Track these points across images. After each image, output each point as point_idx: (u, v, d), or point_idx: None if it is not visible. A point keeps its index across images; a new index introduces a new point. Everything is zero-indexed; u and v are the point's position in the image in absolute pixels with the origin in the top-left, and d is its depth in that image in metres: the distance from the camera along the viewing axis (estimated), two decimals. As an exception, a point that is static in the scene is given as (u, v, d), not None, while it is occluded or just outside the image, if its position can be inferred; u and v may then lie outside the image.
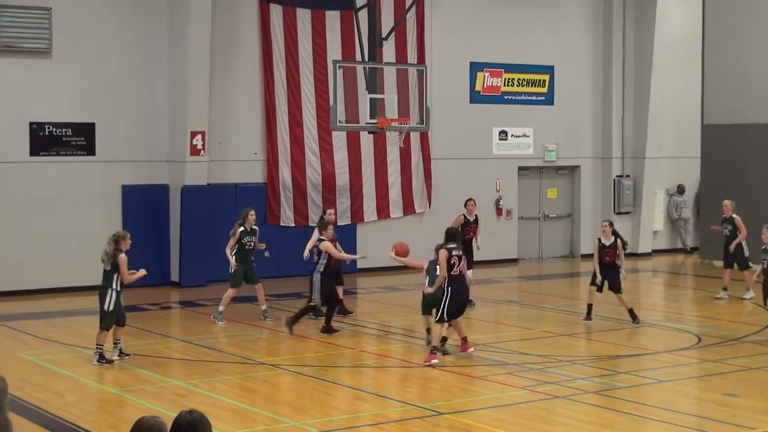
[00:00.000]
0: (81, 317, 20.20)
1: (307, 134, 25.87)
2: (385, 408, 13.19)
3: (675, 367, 15.50)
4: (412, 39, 27.26)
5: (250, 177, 25.41)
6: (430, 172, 27.78)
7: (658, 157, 30.79)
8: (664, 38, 30.25)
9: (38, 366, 15.64)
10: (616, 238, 19.07)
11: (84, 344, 17.20)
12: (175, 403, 13.09)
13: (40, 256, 22.99)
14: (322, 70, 25.68)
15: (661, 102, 30.53)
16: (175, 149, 24.27)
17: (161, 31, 24.22)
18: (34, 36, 22.77)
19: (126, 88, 23.97)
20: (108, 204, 23.81)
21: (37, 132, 23.04)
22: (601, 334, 18.27)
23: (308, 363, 15.98)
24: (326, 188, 26.08)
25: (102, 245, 23.42)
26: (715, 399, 13.45)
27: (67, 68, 23.28)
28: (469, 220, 21.31)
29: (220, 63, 24.68)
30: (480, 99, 28.70)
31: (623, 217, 30.56)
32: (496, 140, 29.03)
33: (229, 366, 15.62)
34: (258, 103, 25.43)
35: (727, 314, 20.24)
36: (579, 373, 14.95)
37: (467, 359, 16.02)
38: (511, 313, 21.00)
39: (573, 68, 30.10)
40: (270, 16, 25.35)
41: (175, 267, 24.27)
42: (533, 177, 30.05)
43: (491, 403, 13.45)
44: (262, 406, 13.24)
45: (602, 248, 19.04)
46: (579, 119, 30.41)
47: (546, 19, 29.53)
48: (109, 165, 23.80)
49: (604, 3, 30.46)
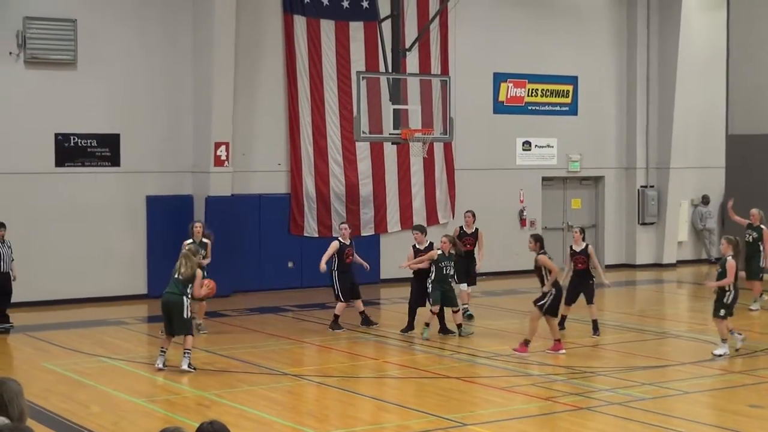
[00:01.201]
0: (105, 327, 20.30)
1: (331, 145, 25.90)
2: (409, 419, 13.17)
3: (700, 379, 15.43)
4: (435, 49, 27.29)
5: (274, 187, 25.46)
6: (453, 182, 27.77)
7: (682, 168, 30.68)
8: (688, 48, 30.16)
9: (63, 376, 15.70)
10: (587, 245, 19.05)
11: (108, 354, 17.28)
12: (199, 413, 13.11)
13: (64, 267, 23.09)
14: (346, 81, 25.72)
15: (686, 112, 30.42)
16: (199, 160, 24.35)
17: (186, 42, 24.32)
18: (59, 48, 22.91)
19: (150, 99, 24.07)
20: (132, 215, 23.90)
21: (62, 143, 23.16)
22: (625, 345, 18.20)
23: (332, 373, 15.98)
24: (350, 199, 26.10)
25: (127, 255, 23.64)
26: (740, 410, 13.38)
27: (92, 80, 23.40)
28: (465, 232, 21.18)
29: (244, 74, 24.76)
30: (504, 109, 28.69)
31: (648, 228, 30.47)
32: (520, 151, 29.00)
33: (253, 376, 15.64)
34: (282, 113, 25.49)
35: (751, 325, 20.13)
36: (603, 385, 14.89)
37: (493, 370, 15.99)
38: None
39: (597, 78, 30.05)
40: (294, 27, 25.42)
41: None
42: (557, 187, 30.00)
43: (515, 414, 13.42)
44: (285, 417, 13.25)
45: (573, 255, 19.04)
46: (603, 129, 30.34)
47: (570, 30, 29.49)
48: (134, 176, 23.90)
49: (627, 13, 30.41)
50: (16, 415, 6.08)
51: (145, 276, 24.05)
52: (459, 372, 16.02)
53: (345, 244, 19.66)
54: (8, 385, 6.13)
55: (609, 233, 30.51)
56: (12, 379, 6.22)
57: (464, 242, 20.78)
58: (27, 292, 22.56)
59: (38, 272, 22.76)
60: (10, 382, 6.17)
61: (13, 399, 6.11)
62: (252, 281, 24.44)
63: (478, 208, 26.86)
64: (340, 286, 19.49)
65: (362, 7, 26.00)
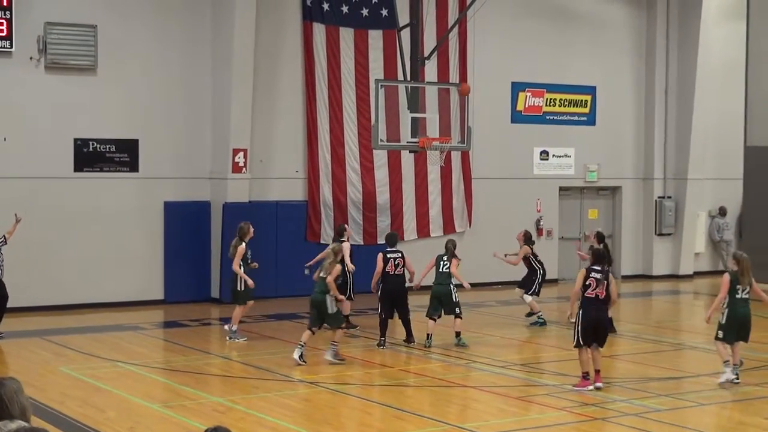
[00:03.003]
0: (122, 332, 20.37)
1: (349, 152, 25.94)
2: (424, 427, 13.18)
3: (716, 390, 15.39)
4: (454, 58, 27.31)
5: (292, 195, 25.51)
6: (470, 191, 27.78)
7: (700, 179, 30.62)
8: (707, 59, 30.11)
9: (79, 380, 15.76)
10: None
11: (124, 359, 17.34)
12: (214, 419, 13.14)
13: (82, 271, 23.18)
14: (364, 89, 25.77)
15: (704, 123, 30.37)
16: (217, 166, 24.42)
17: (205, 48, 24.40)
18: (79, 53, 23.01)
19: (169, 106, 24.16)
20: (150, 220, 23.98)
21: (81, 148, 23.26)
22: (641, 356, 18.17)
23: (347, 381, 16.00)
24: (367, 206, 26.13)
25: (144, 260, 23.73)
26: (756, 423, 13.34)
27: (111, 85, 23.50)
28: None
29: (263, 81, 24.83)
30: (521, 119, 28.69)
31: (665, 239, 30.42)
32: (537, 160, 28.99)
33: (269, 383, 15.67)
34: (300, 121, 25.55)
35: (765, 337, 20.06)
36: (618, 395, 14.87)
37: (508, 379, 15.99)
38: (550, 334, 20.92)
39: (615, 89, 30.02)
40: (313, 35, 25.48)
41: (216, 283, 24.38)
42: (574, 197, 29.97)
43: (530, 424, 13.41)
44: (301, 424, 13.27)
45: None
46: (621, 140, 30.31)
47: (588, 40, 29.48)
48: (152, 181, 23.98)
49: (647, 24, 30.39)
50: (17, 413, 6.09)
51: (162, 281, 24.13)
52: (475, 381, 16.03)
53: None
54: (6, 385, 6.15)
55: (626, 244, 30.47)
56: (10, 378, 6.23)
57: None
58: (44, 296, 22.69)
59: (56, 276, 22.86)
60: (7, 382, 6.19)
61: (13, 397, 6.12)
62: (268, 288, 24.46)
63: (495, 218, 26.99)
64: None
65: (381, 16, 26.05)
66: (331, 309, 16.88)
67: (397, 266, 18.58)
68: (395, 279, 18.63)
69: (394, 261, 18.58)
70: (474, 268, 26.99)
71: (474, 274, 26.93)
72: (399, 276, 18.64)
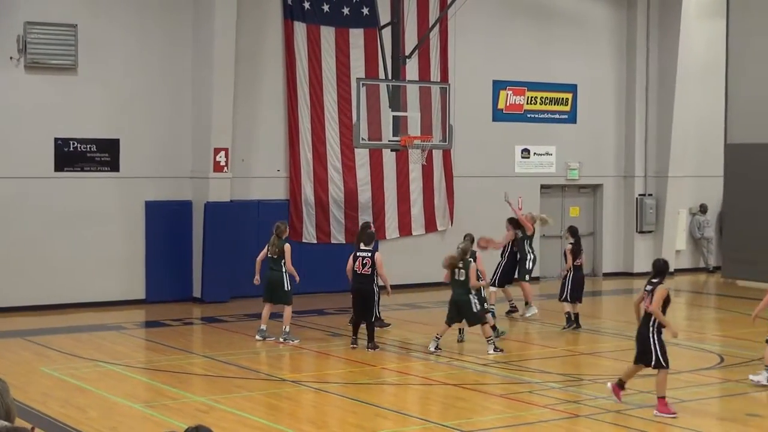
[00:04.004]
0: (104, 332, 20.32)
1: (330, 151, 25.93)
2: (407, 426, 13.20)
3: (697, 387, 15.46)
4: (435, 57, 27.33)
5: (273, 194, 25.48)
6: (452, 189, 27.80)
7: (680, 176, 30.71)
8: (687, 57, 30.20)
9: (61, 381, 15.72)
10: None
11: (106, 359, 17.30)
12: (196, 418, 13.12)
13: (63, 272, 23.10)
14: (346, 88, 25.76)
15: (684, 121, 30.46)
16: (198, 166, 24.37)
17: (186, 47, 24.35)
18: (60, 53, 22.93)
19: (150, 105, 24.10)
20: (131, 220, 23.91)
21: (62, 148, 23.18)
22: (623, 353, 18.19)
23: (330, 380, 16.01)
24: (348, 205, 26.13)
25: (125, 260, 23.68)
26: (738, 419, 13.40)
27: (92, 85, 23.42)
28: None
29: (244, 80, 24.79)
30: (503, 117, 28.73)
31: (646, 236, 30.50)
32: (519, 158, 29.03)
33: (252, 382, 15.66)
34: (281, 120, 25.52)
35: (749, 334, 20.14)
36: (600, 392, 14.91)
37: (491, 377, 16.02)
38: (532, 331, 20.97)
39: (596, 87, 30.09)
40: (294, 34, 25.46)
41: (198, 283, 24.34)
42: (555, 195, 30.02)
43: (513, 422, 13.44)
44: (284, 423, 13.27)
45: None
46: (602, 138, 30.38)
47: (569, 38, 29.54)
48: (133, 181, 23.92)
49: (627, 22, 30.46)
50: (2, 414, 6.07)
51: (143, 281, 24.06)
52: (457, 379, 16.04)
53: None
54: None
55: (607, 241, 30.54)
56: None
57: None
58: (25, 297, 22.61)
59: (37, 277, 22.78)
60: None
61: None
62: (250, 287, 24.38)
63: (477, 216, 27.01)
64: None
65: (362, 14, 26.05)
66: (475, 308, 17.57)
67: (364, 266, 18.22)
68: (361, 278, 18.24)
69: (362, 260, 18.24)
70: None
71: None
72: (365, 276, 18.24)
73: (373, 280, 18.29)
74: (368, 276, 18.22)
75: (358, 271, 18.27)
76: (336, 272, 24.48)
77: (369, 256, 18.26)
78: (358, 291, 18.27)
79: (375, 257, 18.29)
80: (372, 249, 18.49)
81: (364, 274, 18.22)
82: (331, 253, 25.50)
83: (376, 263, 18.23)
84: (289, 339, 18.87)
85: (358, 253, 18.42)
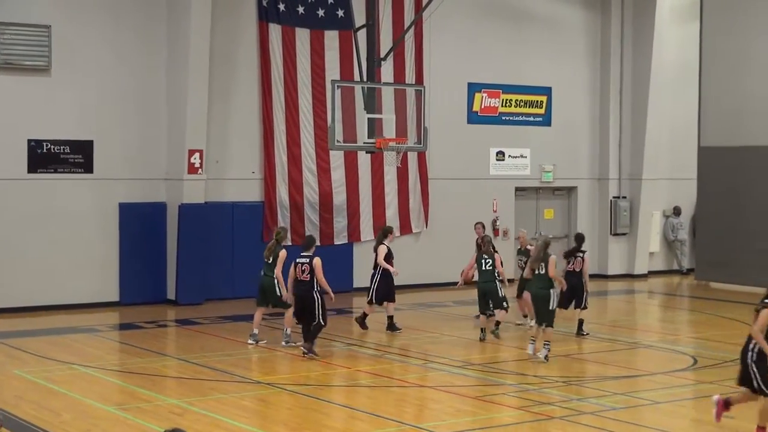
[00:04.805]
0: (78, 334, 20.22)
1: (305, 153, 25.90)
2: (381, 428, 13.18)
3: (671, 389, 15.51)
4: (410, 59, 27.34)
5: (248, 196, 25.43)
6: (427, 191, 27.82)
7: (654, 179, 30.84)
8: (661, 60, 30.34)
9: (34, 383, 15.62)
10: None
11: (80, 361, 17.21)
12: (170, 421, 13.08)
13: (36, 273, 22.98)
14: (321, 90, 25.74)
15: (658, 124, 30.60)
16: (172, 167, 24.30)
17: (160, 49, 24.27)
18: (33, 54, 22.81)
19: (124, 107, 24.01)
20: (105, 222, 23.81)
21: (35, 149, 23.06)
22: (597, 355, 18.28)
23: (304, 382, 15.97)
24: (323, 207, 26.11)
25: (99, 262, 23.56)
26: (711, 420, 13.44)
27: (66, 86, 23.32)
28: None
29: (219, 82, 24.73)
30: (478, 119, 28.77)
31: (619, 238, 30.61)
32: (494, 161, 29.08)
33: (226, 385, 15.62)
34: (256, 121, 25.47)
35: (723, 336, 20.25)
36: (575, 394, 14.95)
37: (466, 379, 16.02)
38: (506, 334, 20.98)
39: (570, 90, 30.18)
40: (269, 36, 25.41)
41: (172, 285, 24.25)
42: (530, 198, 30.09)
43: (487, 424, 13.45)
44: (258, 425, 13.24)
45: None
46: (576, 140, 30.47)
47: (544, 41, 29.62)
48: (107, 183, 23.81)
49: (601, 25, 30.57)
50: None
51: (117, 283, 23.95)
52: (431, 381, 16.05)
53: (389, 249, 20.70)
54: None
55: (581, 243, 30.60)
56: None
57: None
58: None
59: (10, 279, 22.66)
60: None
61: None
62: (225, 289, 24.40)
63: (452, 218, 27.03)
64: (376, 288, 20.49)
65: (337, 16, 26.03)
66: (551, 305, 17.59)
67: (303, 272, 17.68)
68: (300, 284, 17.71)
69: (301, 266, 17.69)
70: (430, 269, 27.13)
71: (430, 275, 27.09)
72: (304, 282, 17.66)
73: (312, 286, 17.65)
74: (307, 282, 17.63)
75: (298, 277, 17.73)
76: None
77: (307, 262, 17.65)
78: (299, 297, 17.79)
79: (314, 262, 17.66)
80: (311, 254, 17.84)
81: (303, 280, 17.64)
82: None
83: (314, 269, 17.63)
84: (291, 342, 18.60)
85: (297, 259, 17.89)
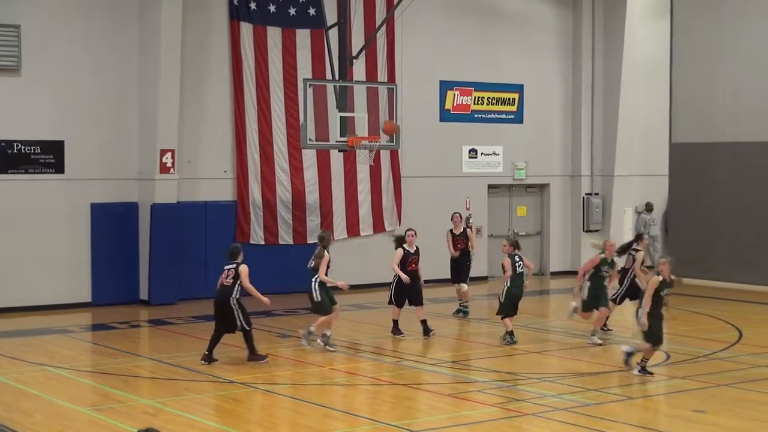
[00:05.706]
0: (50, 336, 20.12)
1: (277, 152, 25.87)
2: (356, 426, 13.18)
3: (644, 384, 15.57)
4: (382, 58, 27.33)
5: (220, 195, 25.37)
6: (400, 190, 27.83)
7: (626, 175, 30.97)
8: (632, 58, 30.47)
9: (6, 385, 15.53)
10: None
11: (52, 363, 17.12)
12: (144, 421, 13.03)
13: (7, 275, 22.85)
14: (293, 89, 25.70)
15: (630, 120, 30.72)
16: (144, 167, 24.21)
17: (131, 48, 24.17)
18: (3, 54, 22.66)
19: (95, 106, 23.89)
20: (77, 222, 23.70)
21: (5, 150, 22.92)
22: (571, 352, 18.33)
23: (278, 381, 15.95)
24: (296, 206, 26.07)
25: (71, 263, 23.43)
26: (683, 415, 13.52)
27: (36, 86, 23.19)
28: (455, 233, 22.56)
29: (190, 81, 24.65)
30: (450, 117, 28.80)
31: (592, 235, 30.66)
32: (466, 158, 29.12)
33: (199, 384, 15.57)
34: (228, 121, 25.41)
35: (695, 331, 20.35)
36: (549, 390, 14.98)
37: (440, 377, 16.04)
38: (481, 331, 21.03)
39: (542, 87, 30.26)
40: (240, 35, 25.36)
41: (145, 285, 24.17)
42: (503, 195, 30.15)
43: (462, 421, 13.46)
44: (232, 425, 13.21)
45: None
46: (548, 137, 30.55)
47: (515, 38, 29.69)
48: (78, 183, 23.70)
49: (573, 22, 30.66)
50: None
51: (89, 284, 23.85)
52: (406, 379, 16.05)
53: (409, 252, 19.71)
54: None
55: (554, 240, 30.73)
56: None
57: (456, 243, 22.39)
58: (-31, 301, 22.36)
59: (-19, 280, 22.54)
60: None
61: None
62: (198, 289, 24.28)
63: (425, 216, 27.04)
64: (394, 290, 19.74)
65: (309, 15, 25.99)
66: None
67: (227, 277, 17.07)
68: (221, 290, 17.18)
69: (227, 272, 17.08)
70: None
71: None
72: (225, 287, 17.09)
73: (231, 292, 17.09)
74: (228, 287, 17.11)
75: (223, 282, 17.24)
76: (284, 273, 24.53)
77: (234, 268, 17.17)
78: (216, 303, 17.35)
79: (239, 268, 17.17)
80: (239, 261, 17.31)
81: (225, 285, 17.13)
82: (279, 254, 25.51)
83: (240, 275, 17.12)
84: (306, 341, 18.41)
85: (225, 265, 17.35)
